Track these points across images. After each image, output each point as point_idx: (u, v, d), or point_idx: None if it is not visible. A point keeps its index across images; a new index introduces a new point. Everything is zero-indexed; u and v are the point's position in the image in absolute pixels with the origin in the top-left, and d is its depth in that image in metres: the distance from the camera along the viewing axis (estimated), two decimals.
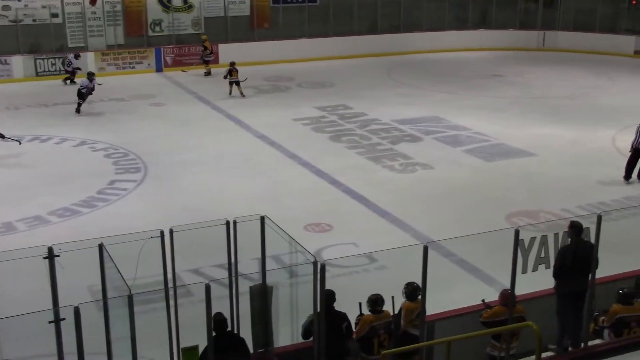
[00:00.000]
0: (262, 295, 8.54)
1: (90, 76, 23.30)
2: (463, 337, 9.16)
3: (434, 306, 9.39)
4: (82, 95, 22.78)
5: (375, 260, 12.29)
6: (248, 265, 9.54)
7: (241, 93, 24.68)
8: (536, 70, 30.13)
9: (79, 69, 26.87)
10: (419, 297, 8.93)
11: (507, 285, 8.80)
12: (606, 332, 9.62)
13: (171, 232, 8.05)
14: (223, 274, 9.28)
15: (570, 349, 9.36)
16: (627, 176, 16.93)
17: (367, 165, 17.98)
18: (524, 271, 8.72)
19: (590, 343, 9.42)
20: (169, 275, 8.34)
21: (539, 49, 34.45)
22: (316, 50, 31.44)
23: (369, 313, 8.91)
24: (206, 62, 28.78)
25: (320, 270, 7.79)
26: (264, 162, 18.21)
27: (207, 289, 6.83)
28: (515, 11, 35.78)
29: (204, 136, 20.33)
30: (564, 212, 14.60)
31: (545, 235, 9.02)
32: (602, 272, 10.07)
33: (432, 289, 8.55)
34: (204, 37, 29.38)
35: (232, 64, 24.96)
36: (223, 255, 8.66)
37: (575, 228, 9.39)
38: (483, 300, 9.37)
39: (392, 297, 9.41)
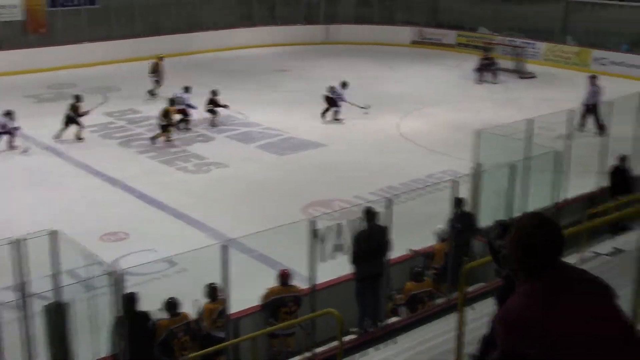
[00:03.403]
0: (57, 314, 8.19)
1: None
2: (269, 331, 9.27)
3: (238, 304, 9.41)
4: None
5: (176, 264, 12.09)
6: (41, 283, 9.07)
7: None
8: (323, 63, 30.96)
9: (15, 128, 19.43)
10: (220, 297, 8.98)
11: (308, 275, 8.97)
12: (402, 309, 10.09)
13: None
14: (14, 296, 8.76)
15: (371, 329, 9.71)
16: (582, 126, 19.17)
17: (160, 169, 17.67)
18: (323, 259, 8.95)
19: (389, 321, 9.82)
20: None
21: (324, 43, 35.43)
22: (99, 54, 30.26)
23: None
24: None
25: (118, 280, 7.58)
26: (52, 175, 17.30)
27: None
28: (299, 6, 36.60)
29: None
30: (357, 198, 15.10)
31: (341, 223, 9.31)
32: (395, 253, 10.56)
33: (235, 287, 8.55)
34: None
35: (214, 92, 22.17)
36: (12, 276, 8.18)
37: (369, 213, 9.77)
38: (196, 301, 9.52)
39: (196, 301, 9.34)
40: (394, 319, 9.98)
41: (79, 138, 20.02)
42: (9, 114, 19.21)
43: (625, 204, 11.92)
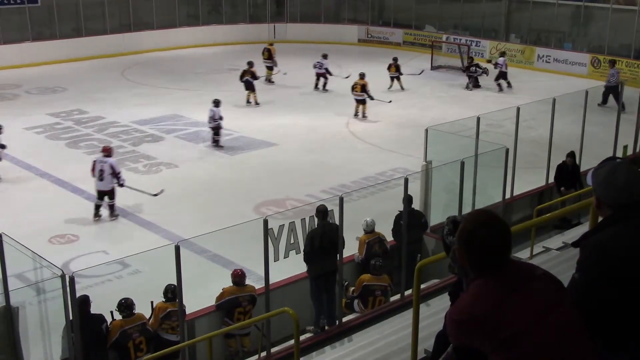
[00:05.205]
0: (6, 318, 8.04)
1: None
2: (224, 332, 9.23)
3: (193, 305, 9.36)
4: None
5: (128, 266, 11.98)
6: None
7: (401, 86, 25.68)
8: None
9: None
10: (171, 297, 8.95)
11: (262, 274, 8.95)
12: (355, 302, 10.15)
13: None
14: None
15: (326, 327, 9.73)
16: (603, 102, 21.71)
17: None
18: (276, 259, 8.93)
19: (344, 319, 9.86)
20: None
21: (271, 42, 35.28)
22: (42, 53, 29.75)
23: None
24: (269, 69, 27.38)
25: (69, 282, 7.46)
26: None
27: None
28: (244, 5, 36.44)
29: None
30: (309, 197, 15.11)
31: (293, 221, 9.30)
32: (348, 251, 10.61)
33: (189, 288, 8.49)
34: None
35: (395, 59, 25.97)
36: None
37: (321, 212, 9.77)
38: (152, 302, 9.40)
39: (152, 302, 9.27)
40: (350, 317, 10.02)
41: (256, 103, 22.80)
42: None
43: (576, 199, 12.17)
